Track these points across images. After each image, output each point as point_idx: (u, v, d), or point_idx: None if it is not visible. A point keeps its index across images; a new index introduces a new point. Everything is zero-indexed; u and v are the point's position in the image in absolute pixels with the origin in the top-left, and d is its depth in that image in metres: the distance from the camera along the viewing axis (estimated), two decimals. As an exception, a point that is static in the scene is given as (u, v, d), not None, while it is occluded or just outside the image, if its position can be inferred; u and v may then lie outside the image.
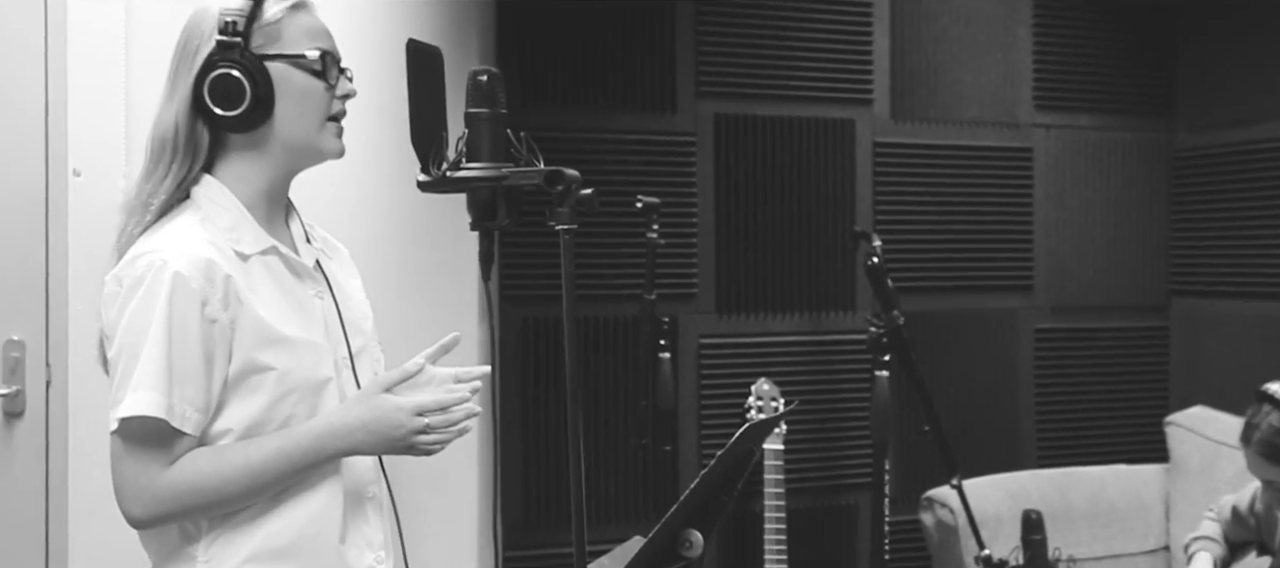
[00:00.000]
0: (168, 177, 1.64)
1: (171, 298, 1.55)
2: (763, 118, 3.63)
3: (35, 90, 2.90)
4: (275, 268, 1.67)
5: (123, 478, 1.58)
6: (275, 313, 1.63)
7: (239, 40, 1.61)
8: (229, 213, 1.65)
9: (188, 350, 1.56)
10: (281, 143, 1.66)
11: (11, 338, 2.90)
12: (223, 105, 1.61)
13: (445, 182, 1.42)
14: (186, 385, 1.56)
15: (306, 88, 1.66)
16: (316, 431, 1.62)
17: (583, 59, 3.45)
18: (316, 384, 1.65)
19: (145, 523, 1.61)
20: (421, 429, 1.62)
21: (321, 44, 1.68)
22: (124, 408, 1.55)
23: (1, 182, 2.88)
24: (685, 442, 3.53)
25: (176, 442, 1.57)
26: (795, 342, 3.66)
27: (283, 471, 1.61)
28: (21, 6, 2.89)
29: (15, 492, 2.90)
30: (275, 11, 1.66)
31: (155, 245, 1.59)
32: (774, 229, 3.64)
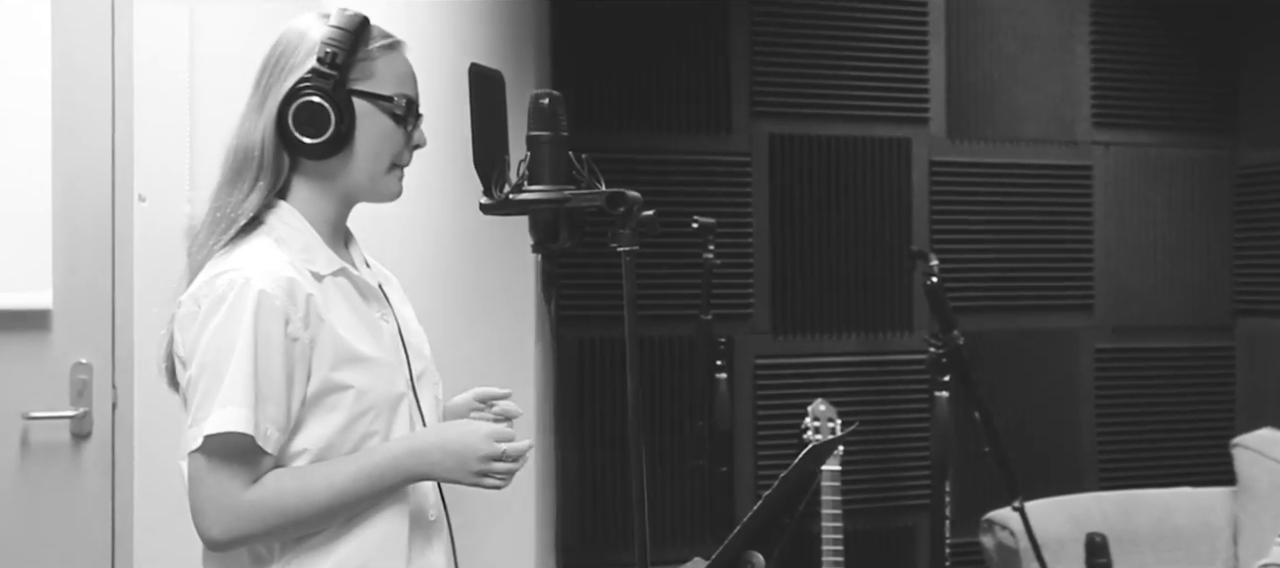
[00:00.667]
0: (252, 193, 1.64)
1: (257, 316, 1.55)
2: (818, 137, 3.62)
3: (102, 118, 2.96)
4: (346, 289, 1.69)
5: (204, 498, 1.56)
6: (352, 332, 1.64)
7: (335, 72, 1.62)
8: (302, 236, 1.66)
9: (272, 369, 1.56)
10: (349, 178, 1.67)
11: (79, 361, 2.95)
12: (304, 132, 1.62)
13: (508, 204, 1.43)
14: (270, 404, 1.56)
15: (384, 130, 1.67)
16: (395, 452, 1.62)
17: (638, 81, 3.46)
18: (392, 401, 1.66)
19: (224, 544, 1.59)
20: (496, 455, 1.61)
21: (408, 89, 1.69)
22: (210, 425, 1.53)
23: (69, 207, 2.94)
24: (741, 463, 3.52)
25: (259, 460, 1.57)
26: (851, 362, 3.64)
27: (363, 491, 1.61)
28: (88, 37, 2.96)
29: (82, 511, 2.95)
30: (373, 48, 1.67)
31: (235, 265, 1.59)
32: (830, 249, 3.63)
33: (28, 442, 2.93)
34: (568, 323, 3.32)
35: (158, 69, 2.92)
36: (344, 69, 1.63)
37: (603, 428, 3.39)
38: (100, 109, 2.96)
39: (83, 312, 2.95)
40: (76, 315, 2.95)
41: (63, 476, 2.95)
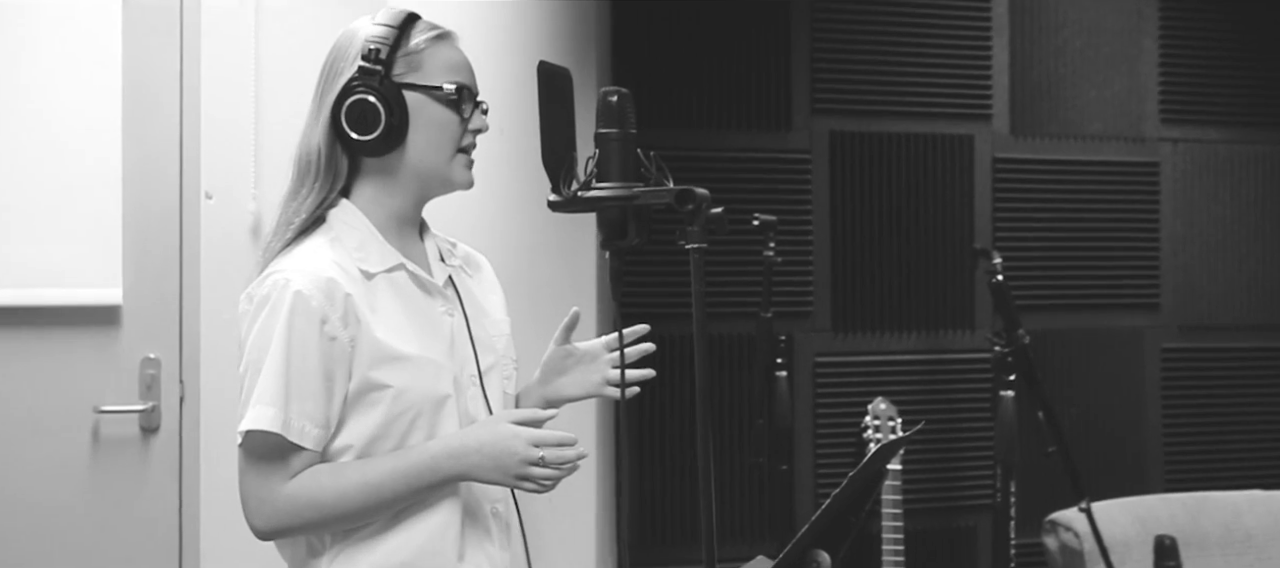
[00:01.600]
0: (310, 196, 1.68)
1: (291, 316, 1.59)
2: (879, 134, 3.59)
3: (170, 118, 3.01)
4: (402, 285, 1.70)
5: (246, 490, 1.63)
6: (395, 331, 1.65)
7: (380, 68, 1.65)
8: (358, 233, 1.68)
9: (306, 367, 1.59)
10: (412, 170, 1.69)
11: (148, 356, 3.00)
12: (357, 129, 1.65)
13: (576, 202, 1.42)
14: (305, 401, 1.59)
15: (440, 119, 1.68)
16: (433, 451, 1.64)
17: (698, 77, 3.45)
18: (435, 402, 1.66)
19: (267, 535, 1.65)
20: (535, 460, 1.62)
21: (460, 77, 1.70)
22: (245, 422, 1.60)
23: (138, 206, 2.99)
24: (800, 461, 3.50)
25: (294, 456, 1.61)
26: (912, 361, 3.61)
27: (399, 489, 1.63)
28: (157, 39, 3.00)
29: (150, 503, 3.00)
30: (419, 41, 1.69)
31: (284, 266, 1.63)
32: (890, 246, 3.60)
33: (98, 435, 2.99)
34: (629, 320, 3.31)
35: (223, 69, 2.97)
36: (390, 64, 1.66)
37: (664, 425, 3.39)
38: (168, 109, 3.01)
39: (151, 308, 3.00)
40: (145, 311, 3.00)
41: (132, 468, 3.00)
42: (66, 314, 2.96)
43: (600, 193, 1.42)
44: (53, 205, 2.95)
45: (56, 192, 2.95)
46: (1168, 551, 2.60)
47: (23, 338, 2.96)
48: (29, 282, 2.94)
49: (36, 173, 2.95)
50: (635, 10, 3.39)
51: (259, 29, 2.96)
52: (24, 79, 2.96)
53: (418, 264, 1.73)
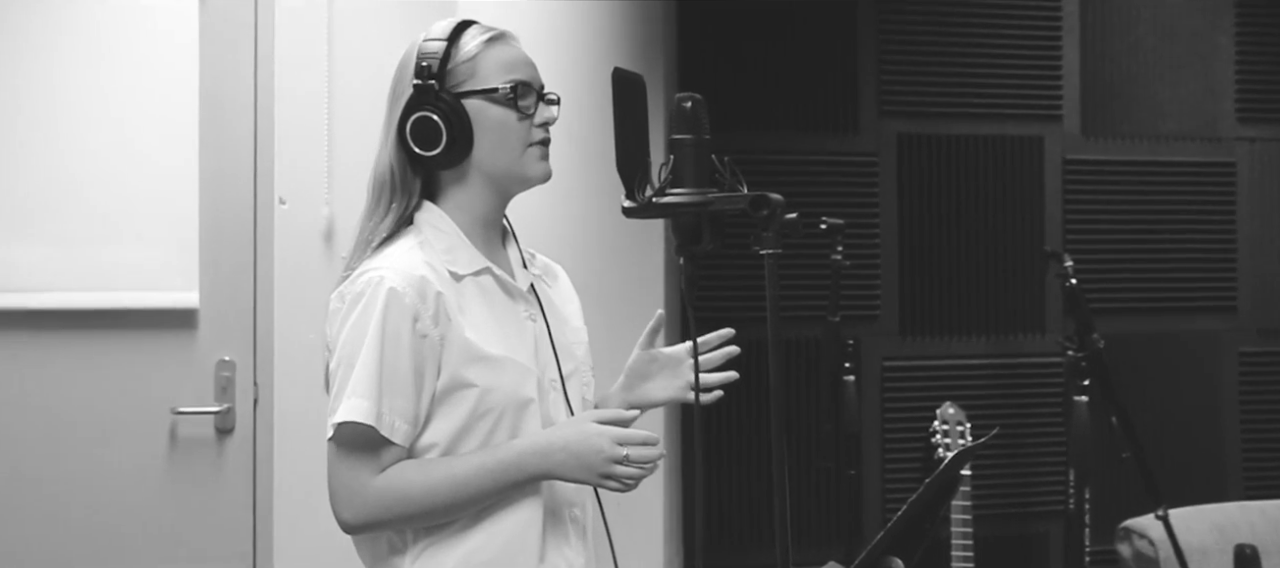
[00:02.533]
0: (387, 215, 1.71)
1: (385, 312, 1.61)
2: (947, 136, 3.56)
3: (244, 124, 3.06)
4: (489, 288, 1.72)
5: (336, 483, 1.64)
6: (482, 332, 1.67)
7: (433, 83, 1.67)
8: (446, 236, 1.71)
9: (399, 363, 1.61)
10: (485, 174, 1.71)
11: (223, 358, 3.06)
12: (422, 146, 1.67)
13: (650, 207, 1.43)
14: (397, 397, 1.62)
15: (502, 120, 1.70)
16: (519, 448, 1.66)
17: (764, 80, 3.45)
18: (518, 404, 1.68)
19: (355, 528, 1.67)
20: (619, 459, 1.63)
21: (516, 74, 1.71)
22: (338, 414, 1.61)
23: (214, 211, 3.05)
24: (868, 466, 3.48)
25: (385, 450, 1.63)
26: (981, 364, 3.57)
27: (485, 486, 1.65)
28: (232, 47, 3.06)
29: (225, 503, 3.06)
30: (472, 48, 1.71)
31: (376, 265, 1.66)
32: (959, 249, 3.56)
33: (175, 436, 3.05)
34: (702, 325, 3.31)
35: (297, 76, 3.01)
36: (443, 76, 1.68)
37: (735, 429, 3.39)
38: (243, 116, 3.06)
39: (226, 311, 3.06)
40: (221, 314, 3.06)
41: (207, 469, 3.06)
42: (145, 317, 3.02)
43: (675, 199, 1.43)
44: (132, 210, 3.02)
45: (135, 197, 3.02)
46: (1249, 560, 2.55)
47: (103, 340, 3.03)
48: (109, 285, 3.01)
49: (116, 179, 3.01)
50: (701, 14, 3.40)
51: (332, 37, 3.00)
52: (104, 86, 3.03)
53: (502, 269, 1.75)
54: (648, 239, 2.94)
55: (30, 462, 2.99)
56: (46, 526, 3.00)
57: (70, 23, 3.03)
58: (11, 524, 2.99)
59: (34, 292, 2.99)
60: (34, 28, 3.02)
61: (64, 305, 3.00)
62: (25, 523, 2.99)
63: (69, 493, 3.00)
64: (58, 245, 3.00)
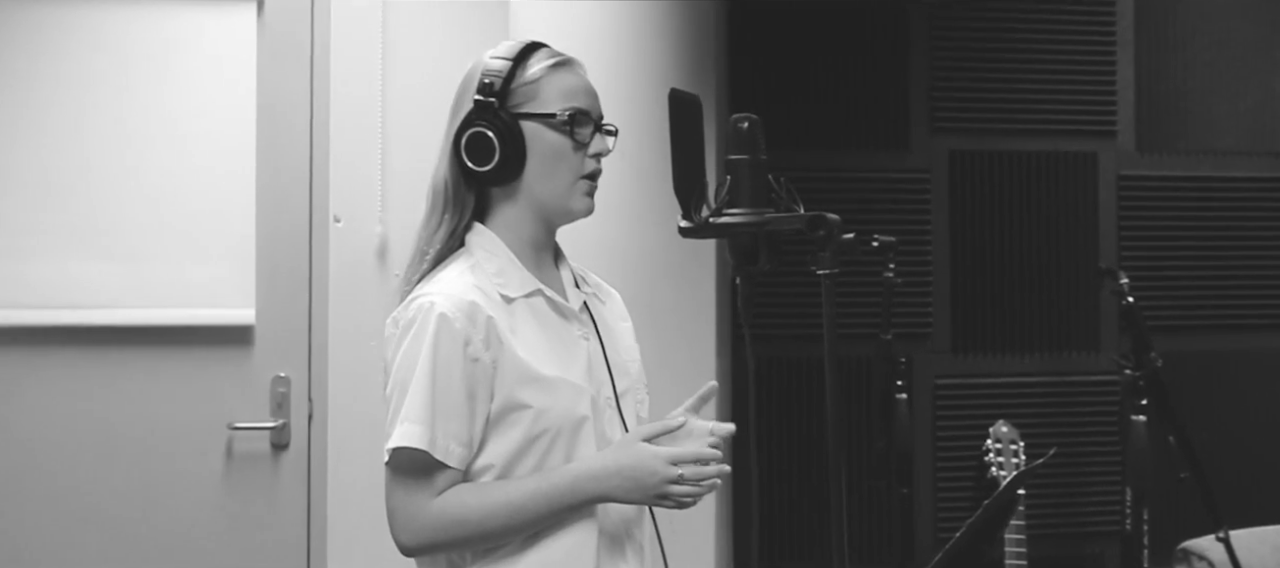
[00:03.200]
0: (441, 227, 1.73)
1: (437, 338, 1.63)
2: (999, 152, 3.53)
3: (300, 143, 3.11)
4: (540, 310, 1.73)
5: (393, 507, 1.67)
6: (535, 354, 1.68)
7: (494, 100, 1.68)
8: (497, 259, 1.72)
9: (451, 387, 1.63)
10: (533, 198, 1.72)
11: (279, 374, 3.10)
12: (475, 161, 1.69)
13: (707, 228, 1.43)
14: (450, 421, 1.63)
15: (555, 147, 1.71)
16: (575, 473, 1.66)
17: (815, 98, 3.44)
18: (573, 424, 1.69)
19: (413, 551, 1.69)
20: (675, 479, 1.64)
21: (577, 103, 1.72)
22: (393, 440, 1.64)
23: (271, 229, 3.09)
24: (920, 484, 3.45)
25: (440, 474, 1.65)
26: (1035, 383, 3.53)
27: (541, 509, 1.66)
28: (288, 65, 3.11)
29: (280, 518, 3.10)
30: (536, 71, 1.72)
31: (427, 290, 1.68)
32: (1012, 266, 3.53)
33: (232, 451, 3.09)
34: (743, 341, 3.31)
35: (352, 96, 3.05)
36: (505, 95, 1.69)
37: (788, 446, 3.38)
38: (299, 135, 3.11)
39: (282, 327, 3.10)
40: (276, 331, 3.10)
41: (263, 484, 3.10)
42: (203, 333, 3.07)
43: (731, 219, 1.43)
44: (191, 228, 3.07)
45: (194, 215, 3.07)
46: (1311, 583, 2.49)
47: (161, 356, 3.08)
48: (168, 301, 3.06)
49: (176, 197, 3.07)
50: (752, 31, 3.40)
51: (386, 58, 3.04)
52: (164, 106, 3.09)
53: (554, 289, 1.76)
54: (700, 259, 2.94)
55: (91, 474, 3.05)
56: (106, 538, 3.05)
57: (131, 45, 3.09)
58: (73, 536, 3.04)
59: (95, 308, 3.05)
60: (95, 50, 3.08)
61: (124, 321, 3.05)
62: (86, 535, 3.04)
63: (128, 506, 3.05)
64: (118, 262, 3.06)
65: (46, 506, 3.04)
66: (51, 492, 3.04)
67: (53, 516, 3.03)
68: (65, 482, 3.04)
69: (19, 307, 3.02)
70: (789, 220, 1.42)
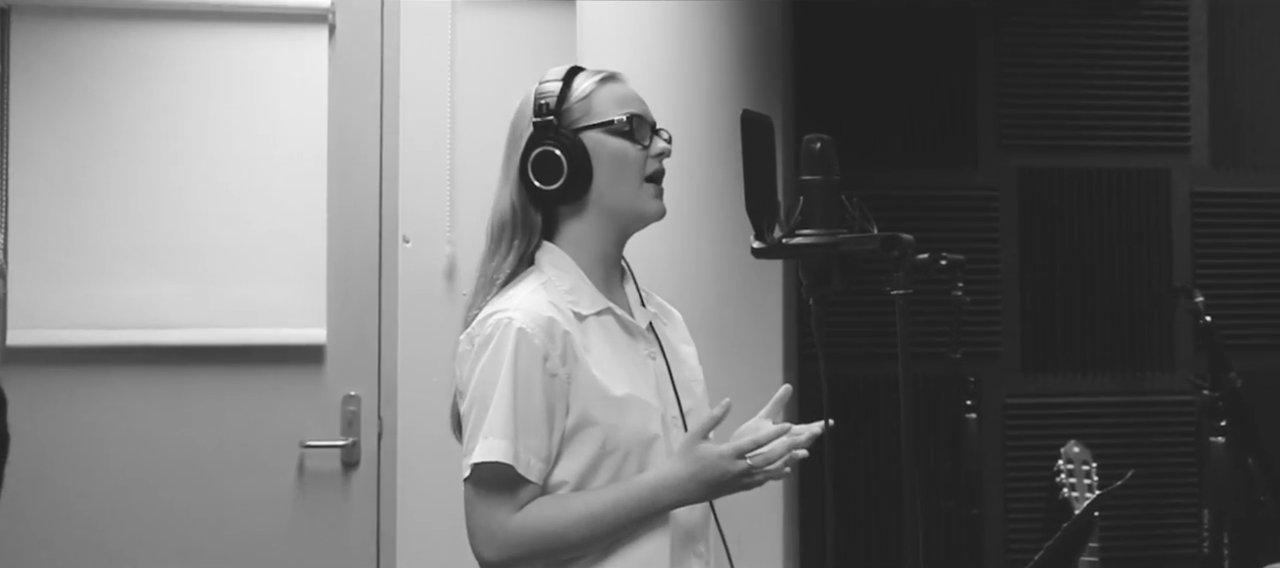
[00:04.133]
0: (510, 255, 1.75)
1: (516, 353, 1.64)
2: (1069, 169, 3.49)
3: (370, 165, 3.15)
4: (610, 328, 1.75)
5: (475, 522, 1.68)
6: (607, 371, 1.69)
7: (552, 119, 1.71)
8: (569, 277, 1.74)
9: (532, 403, 1.65)
10: (604, 208, 1.74)
11: (349, 393, 3.14)
12: (544, 180, 1.71)
13: (780, 248, 1.44)
14: (531, 436, 1.65)
15: (619, 151, 1.73)
16: (650, 483, 1.68)
17: (881, 116, 3.42)
18: (644, 442, 1.71)
19: (495, 565, 1.70)
20: (745, 471, 1.66)
21: (631, 109, 1.76)
22: (476, 455, 1.65)
23: (341, 249, 3.14)
24: (990, 505, 3.41)
25: (522, 488, 1.66)
26: (1106, 403, 3.48)
27: (619, 520, 1.68)
28: (358, 89, 3.16)
29: (351, 535, 3.13)
30: (586, 87, 1.76)
31: (502, 306, 1.70)
32: (1082, 285, 3.48)
33: (304, 469, 3.13)
34: (810, 360, 3.30)
35: (421, 119, 3.10)
36: (562, 114, 1.72)
37: (852, 468, 3.35)
38: (369, 158, 3.15)
39: (353, 347, 3.14)
40: (347, 350, 3.14)
41: (334, 501, 3.14)
42: (275, 353, 3.12)
43: (805, 240, 1.43)
44: (264, 249, 3.13)
45: (267, 236, 3.13)
46: (1399, 610, 2.43)
47: (235, 375, 3.13)
48: (242, 322, 3.12)
49: (249, 219, 3.13)
50: (817, 50, 3.40)
51: (454, 80, 3.08)
52: (237, 129, 3.15)
53: (622, 308, 1.77)
54: (768, 279, 2.94)
55: (168, 490, 3.11)
56: (182, 552, 3.10)
57: (204, 69, 3.16)
58: (150, 550, 3.10)
59: (172, 328, 3.11)
60: (170, 75, 3.16)
61: (200, 341, 3.12)
62: (161, 551, 3.10)
63: (203, 521, 3.11)
64: (195, 284, 3.12)
65: (126, 520, 3.10)
66: (130, 506, 3.10)
67: (131, 529, 3.10)
68: (144, 497, 3.11)
69: (100, 327, 3.09)
70: (863, 241, 1.42)
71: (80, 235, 3.09)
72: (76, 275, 3.07)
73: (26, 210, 3.07)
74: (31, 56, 3.08)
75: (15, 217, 3.07)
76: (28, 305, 3.03)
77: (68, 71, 3.10)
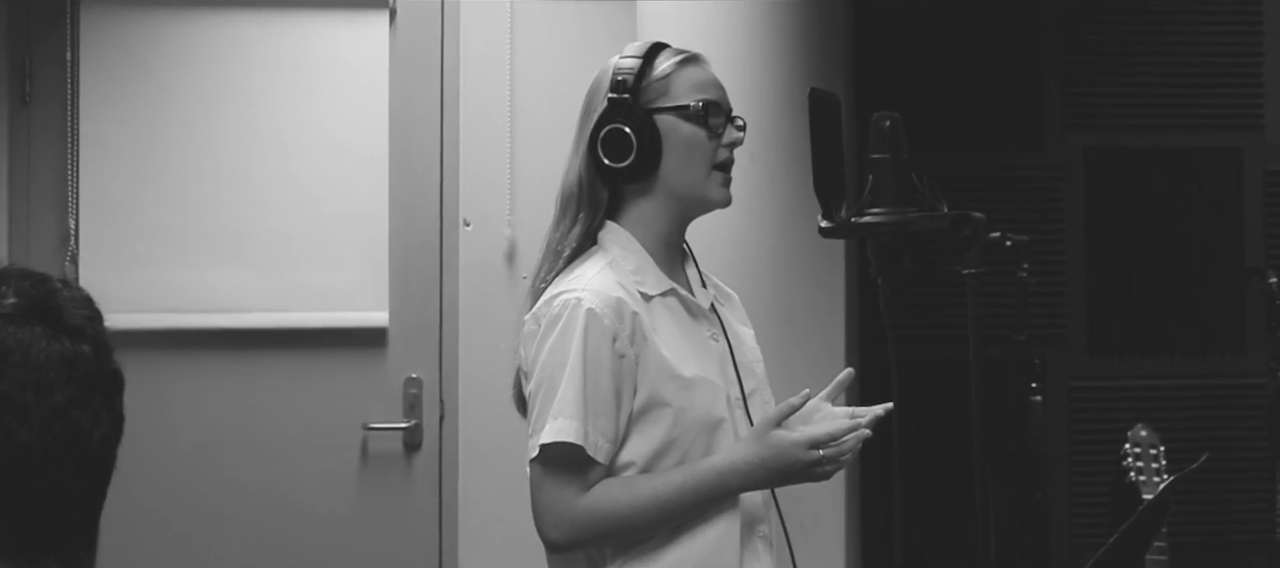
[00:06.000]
0: (575, 226, 1.74)
1: (586, 333, 1.64)
2: (1137, 148, 3.42)
3: (430, 149, 3.17)
4: (675, 309, 1.74)
5: (542, 503, 1.68)
6: (675, 352, 1.69)
7: (628, 97, 1.70)
8: (634, 257, 1.73)
9: (601, 383, 1.64)
10: (670, 192, 1.74)
11: (411, 376, 3.16)
12: (612, 158, 1.70)
13: (849, 228, 1.42)
14: (599, 417, 1.65)
15: (691, 138, 1.72)
16: (718, 467, 1.67)
17: (944, 96, 3.37)
18: (711, 423, 1.70)
19: (562, 547, 1.70)
20: (816, 462, 1.64)
21: (707, 94, 1.74)
22: (544, 435, 1.64)
23: (403, 233, 3.16)
24: (1054, 489, 3.37)
25: (590, 470, 1.66)
26: (1175, 386, 3.41)
27: (686, 504, 1.67)
28: (419, 73, 3.17)
29: (413, 517, 3.16)
30: (665, 66, 1.74)
31: (570, 286, 1.69)
32: (1151, 266, 3.42)
33: (367, 451, 3.17)
34: (873, 344, 3.27)
35: (481, 103, 3.11)
36: (638, 92, 1.71)
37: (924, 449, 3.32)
38: (429, 142, 3.17)
39: (414, 329, 3.17)
40: (408, 333, 3.16)
41: (396, 483, 3.17)
42: (338, 336, 3.16)
43: (874, 219, 1.42)
44: (326, 234, 3.16)
45: (329, 221, 3.16)
46: None
47: (299, 358, 3.17)
48: (305, 305, 3.15)
49: (312, 203, 3.16)
50: (879, 28, 3.36)
51: (514, 63, 3.08)
52: (299, 114, 3.19)
53: (684, 289, 1.77)
54: (830, 263, 2.92)
55: (232, 472, 3.15)
56: (247, 533, 3.15)
57: (268, 55, 3.19)
58: (215, 530, 3.15)
59: (235, 312, 3.16)
60: (233, 61, 3.19)
61: (263, 325, 3.16)
62: (227, 531, 3.15)
63: (267, 502, 3.15)
64: (257, 268, 3.16)
65: (192, 500, 3.15)
66: (196, 487, 3.15)
67: (197, 510, 3.15)
68: (210, 477, 3.16)
69: (167, 311, 3.14)
70: (933, 220, 1.40)
71: (148, 221, 3.14)
72: (144, 260, 3.13)
73: (96, 196, 3.13)
74: (100, 45, 3.13)
75: (86, 202, 3.13)
76: (97, 289, 3.03)
77: (136, 59, 3.15)
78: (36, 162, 3.15)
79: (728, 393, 1.74)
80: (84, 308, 0.94)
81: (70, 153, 3.13)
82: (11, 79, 3.13)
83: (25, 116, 3.15)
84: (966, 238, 1.38)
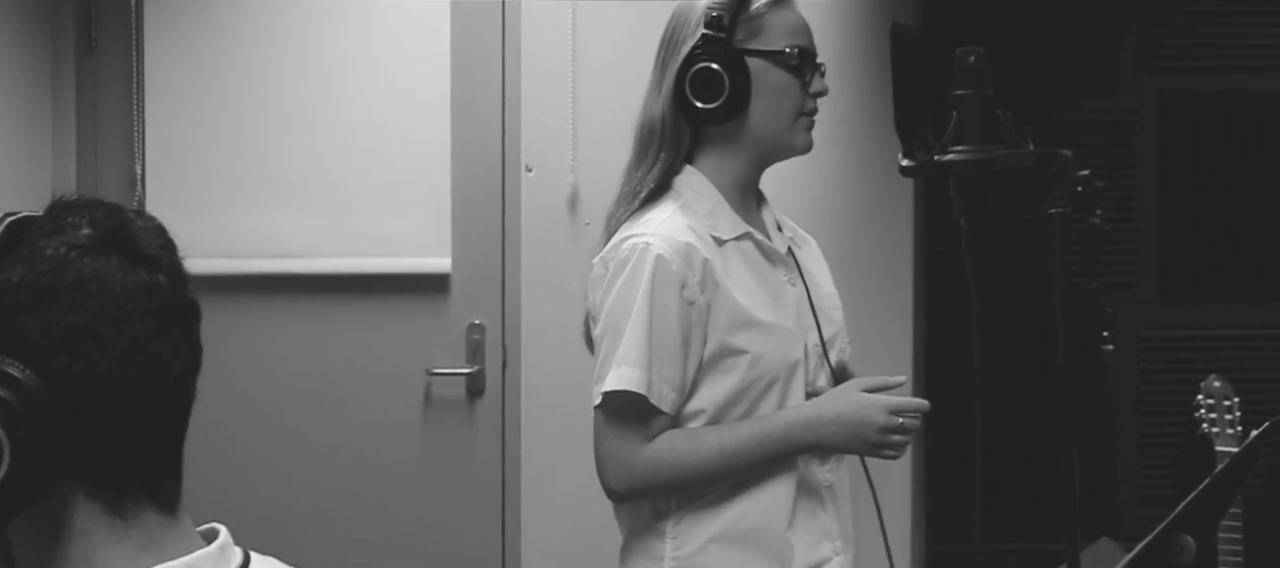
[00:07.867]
0: (656, 165, 1.71)
1: (653, 279, 1.62)
2: (1214, 92, 3.33)
3: (492, 94, 3.15)
4: (750, 253, 1.72)
5: (604, 451, 1.67)
6: (749, 297, 1.66)
7: (723, 35, 1.65)
8: (708, 200, 1.70)
9: (667, 331, 1.62)
10: (754, 137, 1.70)
11: (474, 322, 3.17)
12: (702, 98, 1.67)
13: (931, 166, 1.39)
14: (665, 365, 1.62)
15: (782, 85, 1.69)
16: (788, 420, 1.65)
17: (1014, 35, 3.29)
18: (788, 368, 1.68)
19: (623, 496, 1.69)
20: (894, 427, 1.61)
21: (800, 41, 1.70)
22: (607, 383, 1.63)
23: (465, 179, 3.15)
24: (1124, 440, 3.31)
25: (654, 419, 1.64)
26: (1250, 336, 3.33)
27: (753, 458, 1.65)
28: (481, 19, 3.15)
29: (476, 462, 3.18)
30: (760, 5, 1.70)
31: (639, 230, 1.67)
32: (1226, 213, 3.33)
33: (430, 396, 3.18)
34: (940, 290, 3.22)
35: (543, 48, 3.07)
36: (732, 31, 1.66)
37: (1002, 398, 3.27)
38: (491, 87, 3.15)
39: (476, 275, 3.17)
40: (471, 279, 3.17)
41: (459, 428, 3.18)
42: (401, 282, 3.17)
43: (957, 157, 1.38)
44: (389, 180, 3.16)
45: (392, 167, 3.16)
46: None
47: (362, 304, 3.19)
48: (368, 251, 3.16)
49: (375, 149, 3.16)
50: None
51: (576, 7, 3.05)
52: (362, 60, 3.18)
53: (760, 233, 1.74)
54: (899, 202, 2.87)
55: (296, 417, 3.18)
56: (310, 478, 3.18)
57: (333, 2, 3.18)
58: (279, 476, 3.19)
59: (300, 257, 3.17)
60: (299, 6, 3.19)
61: (327, 270, 3.17)
62: (291, 476, 3.19)
63: (331, 448, 3.18)
64: (321, 214, 3.17)
65: (256, 445, 3.19)
66: (260, 432, 3.19)
67: (261, 454, 3.19)
68: (274, 422, 3.19)
69: (229, 256, 3.16)
70: (1018, 157, 1.37)
71: (213, 166, 3.16)
72: (209, 206, 3.15)
73: (162, 142, 3.15)
74: (164, -10, 3.14)
75: (152, 148, 3.15)
76: (164, 235, 3.10)
77: (199, 3, 3.15)
78: (103, 109, 3.17)
79: (805, 340, 1.71)
80: (158, 237, 0.93)
81: (135, 99, 3.14)
82: (78, 26, 3.15)
83: (91, 64, 3.17)
84: (1054, 175, 1.33)
